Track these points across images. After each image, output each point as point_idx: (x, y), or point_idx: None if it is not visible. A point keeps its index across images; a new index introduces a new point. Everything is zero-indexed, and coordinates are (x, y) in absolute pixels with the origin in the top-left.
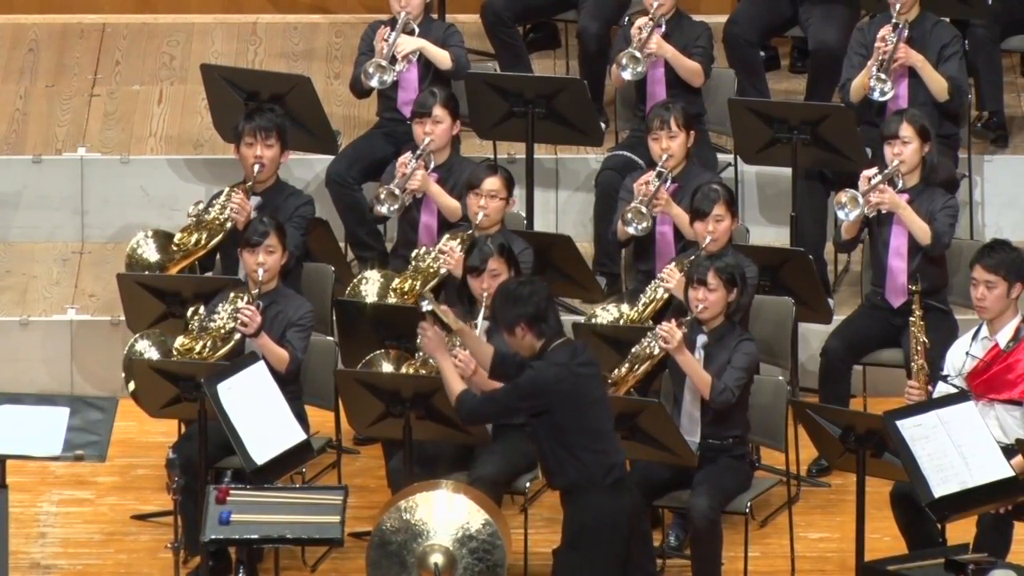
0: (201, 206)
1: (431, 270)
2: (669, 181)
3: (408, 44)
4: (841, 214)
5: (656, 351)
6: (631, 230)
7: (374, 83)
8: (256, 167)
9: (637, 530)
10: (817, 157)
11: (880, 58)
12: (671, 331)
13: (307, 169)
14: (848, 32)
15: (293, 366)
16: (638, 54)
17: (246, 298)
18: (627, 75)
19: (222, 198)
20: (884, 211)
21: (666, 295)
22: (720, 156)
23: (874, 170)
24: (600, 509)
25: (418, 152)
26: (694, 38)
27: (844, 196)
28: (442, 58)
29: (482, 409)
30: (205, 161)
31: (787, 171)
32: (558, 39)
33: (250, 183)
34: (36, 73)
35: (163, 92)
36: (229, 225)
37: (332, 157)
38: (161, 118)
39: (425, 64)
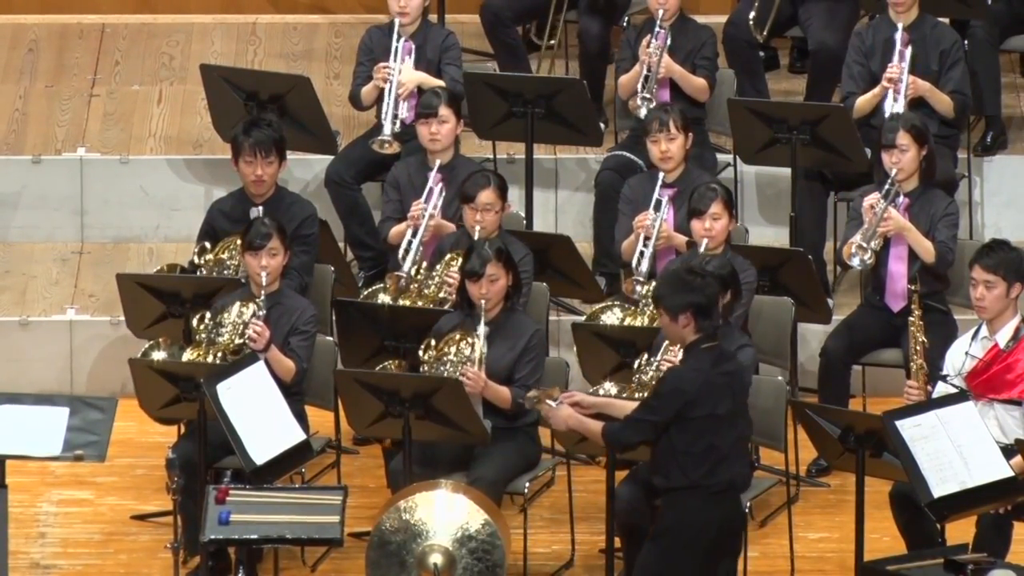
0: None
1: (436, 296)
2: (667, 192)
3: (409, 82)
4: (857, 263)
5: None
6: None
7: (385, 150)
8: (256, 184)
9: (728, 548)
10: (817, 157)
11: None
12: None
13: (306, 169)
14: (848, 32)
15: (298, 376)
16: (648, 95)
17: (252, 308)
18: (643, 113)
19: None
20: (891, 236)
21: None
22: (720, 156)
23: (875, 196)
24: (689, 512)
25: (426, 196)
26: (699, 45)
27: (852, 248)
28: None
29: (629, 433)
30: (205, 161)
31: (786, 171)
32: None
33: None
34: (36, 73)
35: (162, 92)
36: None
37: (331, 157)
38: (160, 118)
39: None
